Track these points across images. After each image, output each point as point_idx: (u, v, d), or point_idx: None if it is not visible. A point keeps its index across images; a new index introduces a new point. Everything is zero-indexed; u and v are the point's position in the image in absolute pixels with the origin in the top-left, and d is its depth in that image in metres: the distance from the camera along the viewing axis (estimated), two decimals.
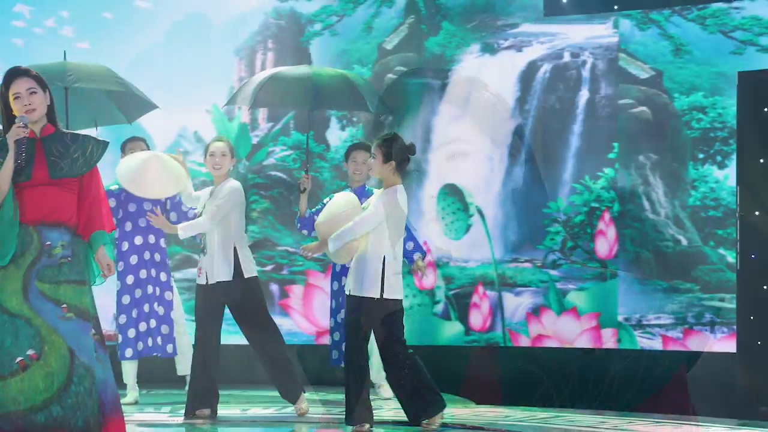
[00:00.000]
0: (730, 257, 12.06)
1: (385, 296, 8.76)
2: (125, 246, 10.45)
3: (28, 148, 6.83)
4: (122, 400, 10.44)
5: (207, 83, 13.44)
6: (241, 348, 11.06)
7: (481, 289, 12.55)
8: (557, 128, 12.93)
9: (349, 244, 8.88)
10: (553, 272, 12.70)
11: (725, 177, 12.21)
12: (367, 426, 8.88)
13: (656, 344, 12.38)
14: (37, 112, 6.85)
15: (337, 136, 13.31)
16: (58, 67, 10.55)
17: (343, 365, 10.32)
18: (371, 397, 9.67)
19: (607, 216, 12.67)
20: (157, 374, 11.79)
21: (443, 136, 13.09)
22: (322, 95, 10.75)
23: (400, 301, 8.90)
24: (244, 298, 9.43)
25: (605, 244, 12.67)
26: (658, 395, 11.78)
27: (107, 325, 10.99)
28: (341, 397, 10.84)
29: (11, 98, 6.91)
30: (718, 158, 12.33)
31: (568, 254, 12.71)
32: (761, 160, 11.71)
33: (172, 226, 9.36)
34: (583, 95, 12.89)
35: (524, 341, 12.61)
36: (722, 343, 12.04)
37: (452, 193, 12.92)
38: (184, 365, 10.94)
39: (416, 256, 10.24)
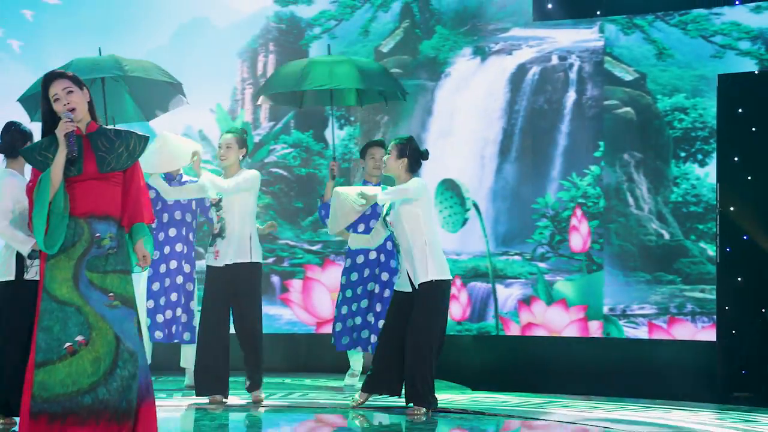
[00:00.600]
0: (711, 251, 12.24)
1: (436, 278, 8.93)
2: (161, 236, 10.54)
3: (77, 144, 6.88)
4: None
5: (211, 84, 13.44)
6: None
7: (458, 281, 12.59)
8: (546, 128, 13.08)
9: (343, 219, 9.37)
10: (542, 265, 12.80)
11: (706, 174, 12.36)
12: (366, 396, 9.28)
13: (640, 333, 12.51)
14: (78, 109, 6.88)
15: (335, 134, 13.03)
16: (109, 59, 10.61)
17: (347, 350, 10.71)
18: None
19: (579, 212, 12.81)
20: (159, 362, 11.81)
21: (437, 134, 13.10)
22: (368, 75, 10.83)
23: (447, 281, 9.09)
24: (249, 282, 9.56)
25: (579, 238, 12.79)
26: (642, 381, 11.86)
27: None
28: (341, 383, 11.04)
29: (52, 101, 6.97)
30: (699, 156, 12.47)
31: (555, 248, 12.76)
32: (735, 159, 11.98)
33: (202, 172, 9.56)
34: (571, 96, 13.04)
35: (515, 330, 12.71)
36: (704, 333, 12.23)
37: (450, 188, 12.95)
38: (188, 357, 11.01)
39: None
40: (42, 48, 13.34)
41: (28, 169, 8.26)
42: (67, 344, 6.73)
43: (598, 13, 13.01)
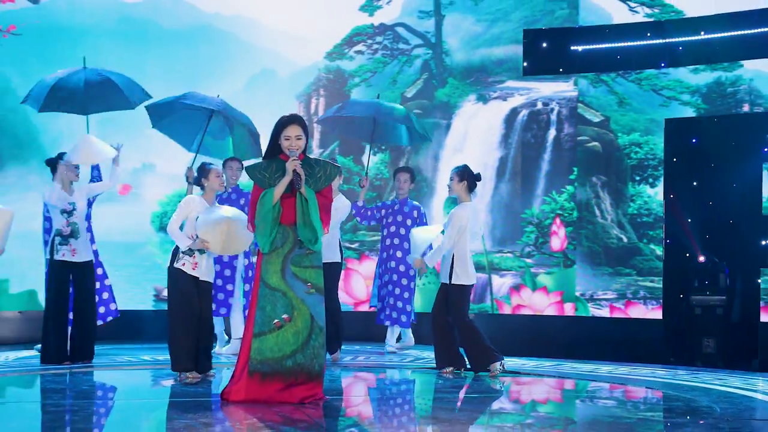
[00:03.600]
0: (659, 251, 12.56)
1: (453, 282, 9.32)
2: None
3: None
4: (226, 350, 10.76)
5: (274, 119, 11.73)
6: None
7: None
8: (532, 156, 13.41)
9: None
10: (528, 260, 13.10)
11: (655, 193, 12.75)
12: (451, 368, 9.41)
13: (604, 313, 12.83)
14: (300, 150, 7.27)
15: (370, 159, 12.90)
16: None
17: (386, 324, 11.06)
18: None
19: (558, 221, 13.04)
20: None
21: (448, 161, 13.16)
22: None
23: (464, 286, 9.30)
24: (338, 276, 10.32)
25: (557, 240, 13.09)
26: (605, 348, 11.73)
27: None
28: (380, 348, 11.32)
29: (283, 138, 7.32)
30: (650, 180, 12.86)
31: (539, 247, 13.05)
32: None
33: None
34: (551, 133, 13.39)
35: (507, 310, 13.00)
36: (652, 313, 12.56)
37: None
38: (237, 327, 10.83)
39: None
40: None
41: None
42: (276, 320, 7.19)
43: (561, 70, 13.32)
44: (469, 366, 9.44)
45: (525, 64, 13.49)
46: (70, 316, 9.87)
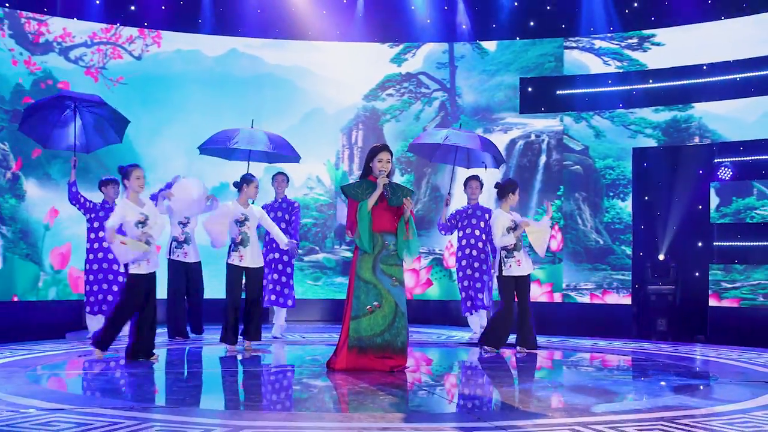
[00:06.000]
0: (628, 251, 13.32)
1: (530, 272, 9.50)
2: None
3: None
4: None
5: (323, 147, 14.12)
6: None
7: None
8: (527, 177, 13.89)
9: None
10: None
11: (625, 206, 13.33)
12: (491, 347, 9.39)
13: (585, 300, 13.43)
14: (387, 172, 7.56)
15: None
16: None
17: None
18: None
19: (556, 227, 13.51)
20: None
21: (460, 181, 12.52)
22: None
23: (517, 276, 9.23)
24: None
25: (555, 242, 13.56)
26: (586, 327, 12.42)
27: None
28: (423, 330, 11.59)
29: (376, 161, 7.54)
30: (621, 195, 13.38)
31: (533, 249, 12.44)
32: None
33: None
34: (543, 159, 13.85)
35: None
36: (624, 299, 13.24)
37: None
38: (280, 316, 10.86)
39: None
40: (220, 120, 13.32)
41: None
42: (368, 306, 7.48)
43: (543, 109, 13.70)
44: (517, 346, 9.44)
45: (520, 104, 13.95)
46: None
